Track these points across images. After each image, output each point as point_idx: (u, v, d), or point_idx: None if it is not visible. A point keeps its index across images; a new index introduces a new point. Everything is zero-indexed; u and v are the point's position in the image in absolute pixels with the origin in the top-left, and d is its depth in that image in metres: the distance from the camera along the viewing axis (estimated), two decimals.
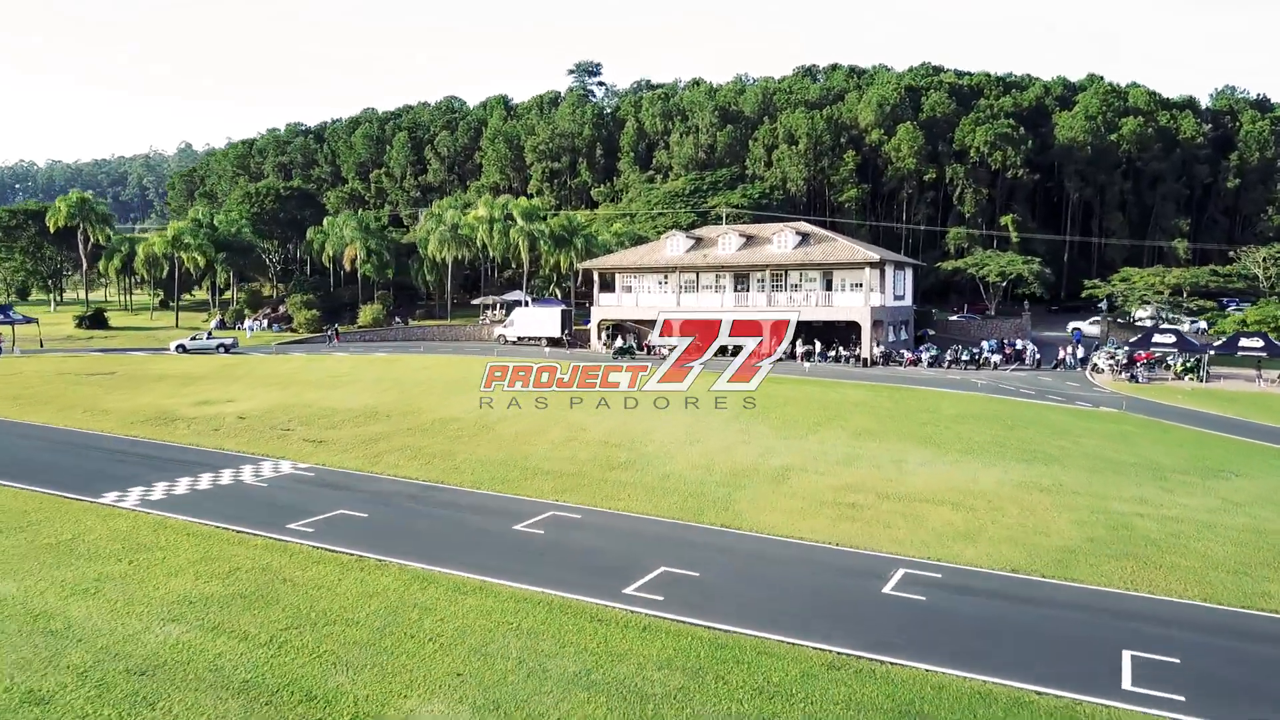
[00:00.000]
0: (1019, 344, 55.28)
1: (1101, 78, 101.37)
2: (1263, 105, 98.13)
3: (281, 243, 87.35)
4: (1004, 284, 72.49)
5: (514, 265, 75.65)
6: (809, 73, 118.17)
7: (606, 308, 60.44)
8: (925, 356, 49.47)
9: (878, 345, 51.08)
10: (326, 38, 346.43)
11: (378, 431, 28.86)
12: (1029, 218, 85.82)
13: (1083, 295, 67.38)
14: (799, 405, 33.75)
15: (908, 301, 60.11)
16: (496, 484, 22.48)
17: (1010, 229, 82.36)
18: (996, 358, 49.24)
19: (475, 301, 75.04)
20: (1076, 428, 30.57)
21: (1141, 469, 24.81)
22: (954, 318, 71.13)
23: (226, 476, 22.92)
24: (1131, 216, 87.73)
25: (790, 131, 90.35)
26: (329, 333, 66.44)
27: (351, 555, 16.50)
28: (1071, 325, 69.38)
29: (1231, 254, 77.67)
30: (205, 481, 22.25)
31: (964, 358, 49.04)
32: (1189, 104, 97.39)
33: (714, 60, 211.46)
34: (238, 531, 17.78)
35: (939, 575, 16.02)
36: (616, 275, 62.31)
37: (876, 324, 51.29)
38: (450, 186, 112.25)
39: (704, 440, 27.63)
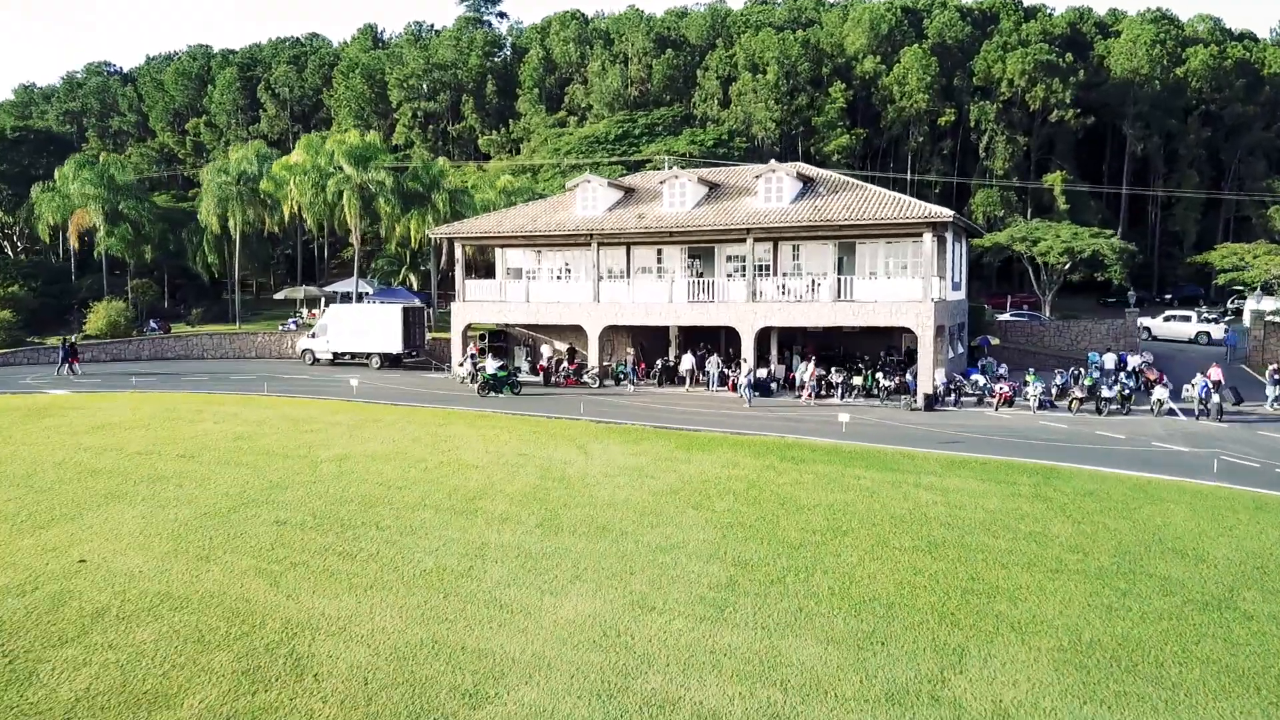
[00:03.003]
0: (1133, 361, 36.40)
1: (1126, 13, 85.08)
2: None
3: (10, 210, 63.90)
4: (1066, 267, 54.62)
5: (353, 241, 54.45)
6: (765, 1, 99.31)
7: (479, 304, 39.67)
8: (1034, 391, 29.67)
9: (939, 369, 31.91)
10: None
11: None
12: (1077, 177, 68.41)
13: (1220, 281, 49.18)
14: (863, 537, 13.75)
15: (963, 293, 41.06)
16: None
17: (1056, 191, 64.75)
18: (1161, 393, 29.27)
19: (279, 295, 53.09)
20: None
21: None
22: (1005, 317, 52.60)
23: None
24: (1204, 175, 71.26)
25: (754, 58, 70.88)
26: (63, 349, 43.45)
27: None
28: (1142, 323, 52.26)
29: None
30: None
31: (1104, 394, 29.22)
32: (1248, 38, 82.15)
33: None
34: None
35: None
36: (497, 252, 41.89)
37: (939, 332, 32.09)
38: (292, 139, 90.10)
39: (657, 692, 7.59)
